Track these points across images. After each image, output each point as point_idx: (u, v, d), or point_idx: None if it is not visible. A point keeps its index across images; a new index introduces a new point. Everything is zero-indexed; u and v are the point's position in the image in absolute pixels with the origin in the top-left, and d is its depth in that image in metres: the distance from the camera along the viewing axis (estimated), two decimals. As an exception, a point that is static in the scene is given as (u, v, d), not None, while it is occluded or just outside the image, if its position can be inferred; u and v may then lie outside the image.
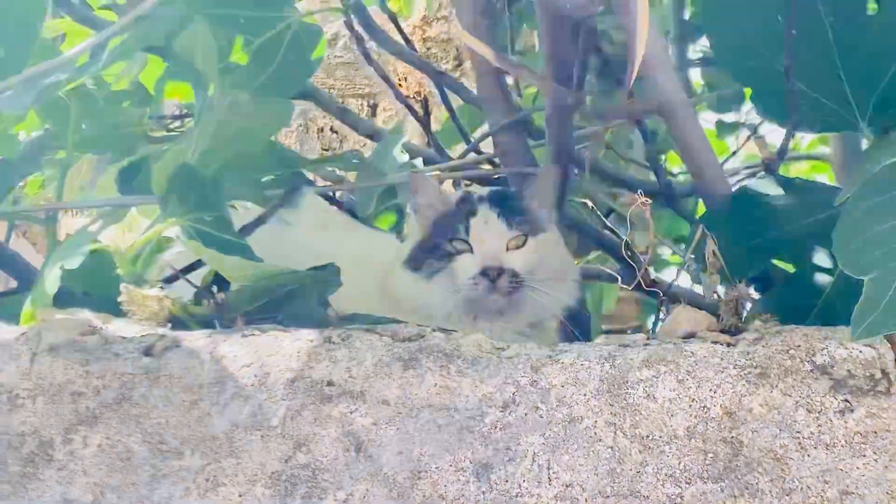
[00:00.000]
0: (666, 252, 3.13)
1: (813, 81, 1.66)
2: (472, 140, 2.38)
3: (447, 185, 2.08)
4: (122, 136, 1.81)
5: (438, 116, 3.44)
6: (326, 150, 3.92)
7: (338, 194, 2.00)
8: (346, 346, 1.26)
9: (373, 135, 2.67)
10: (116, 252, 1.39)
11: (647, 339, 1.28)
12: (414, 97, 2.59)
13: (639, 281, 1.38)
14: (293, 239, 1.75)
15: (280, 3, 1.85)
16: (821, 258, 1.58)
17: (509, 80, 2.05)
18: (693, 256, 1.46)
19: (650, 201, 1.31)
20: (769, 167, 1.69)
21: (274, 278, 1.37)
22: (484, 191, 1.72)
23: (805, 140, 3.95)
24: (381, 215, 2.18)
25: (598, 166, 2.01)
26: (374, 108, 4.16)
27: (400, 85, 3.70)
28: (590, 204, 1.82)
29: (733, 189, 1.71)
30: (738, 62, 1.71)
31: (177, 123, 2.41)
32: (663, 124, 1.74)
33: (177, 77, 1.74)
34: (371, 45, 2.14)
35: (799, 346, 1.21)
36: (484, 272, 1.61)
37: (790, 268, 1.67)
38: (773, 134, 3.09)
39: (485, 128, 2.15)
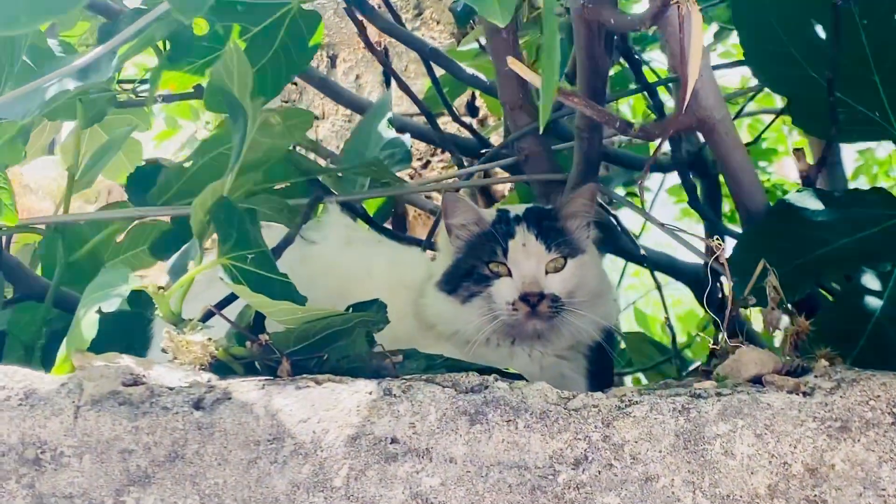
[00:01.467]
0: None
1: (849, 90, 1.63)
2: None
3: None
4: (90, 102, 1.76)
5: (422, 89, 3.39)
6: (286, 101, 3.83)
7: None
8: (408, 398, 1.21)
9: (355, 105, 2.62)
10: (156, 294, 1.33)
11: (717, 385, 1.24)
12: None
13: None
14: (318, 257, 1.69)
15: None
16: (869, 279, 1.54)
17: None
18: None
19: (723, 245, 1.27)
20: (807, 179, 1.65)
21: (321, 321, 1.31)
22: (520, 208, 1.66)
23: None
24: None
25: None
26: (333, 60, 4.06)
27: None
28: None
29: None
30: (773, 69, 1.68)
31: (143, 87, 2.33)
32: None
33: (212, 108, 1.67)
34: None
35: (879, 396, 1.18)
36: (524, 297, 1.56)
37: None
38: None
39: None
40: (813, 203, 1.62)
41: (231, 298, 1.41)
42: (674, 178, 3.29)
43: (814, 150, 2.80)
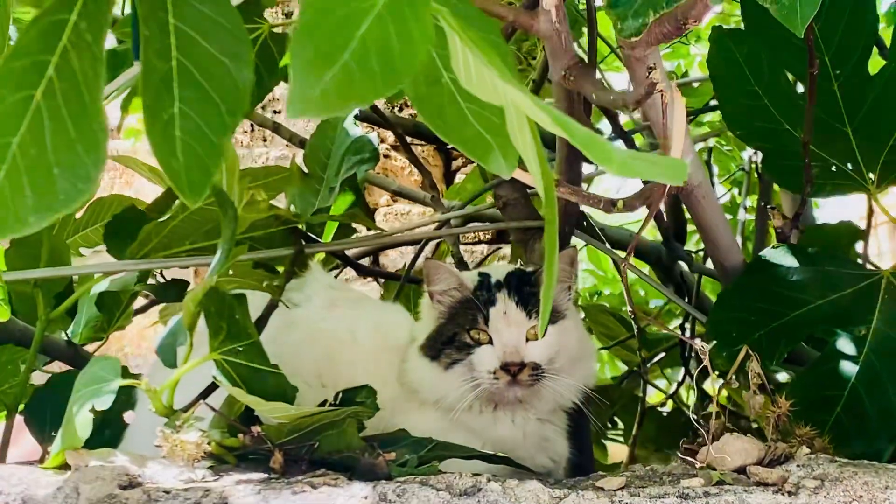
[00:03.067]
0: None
1: (822, 143, 1.65)
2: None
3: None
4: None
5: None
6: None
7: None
8: (403, 503, 1.23)
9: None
10: (148, 390, 1.34)
11: (703, 483, 1.27)
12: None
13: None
14: (303, 323, 1.70)
15: (250, 14, 1.79)
16: (843, 343, 1.57)
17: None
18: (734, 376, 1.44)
19: (707, 347, 1.29)
20: (782, 235, 1.68)
21: (313, 417, 1.33)
22: (501, 273, 1.67)
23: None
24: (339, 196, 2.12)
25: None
26: (288, 16, 4.05)
27: None
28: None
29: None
30: (747, 122, 1.69)
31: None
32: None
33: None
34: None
35: (861, 496, 1.21)
36: (505, 367, 1.58)
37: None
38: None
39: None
40: (788, 260, 1.64)
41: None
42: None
43: (785, 201, 2.85)
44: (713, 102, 2.65)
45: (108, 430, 1.72)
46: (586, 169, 2.06)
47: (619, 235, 2.62)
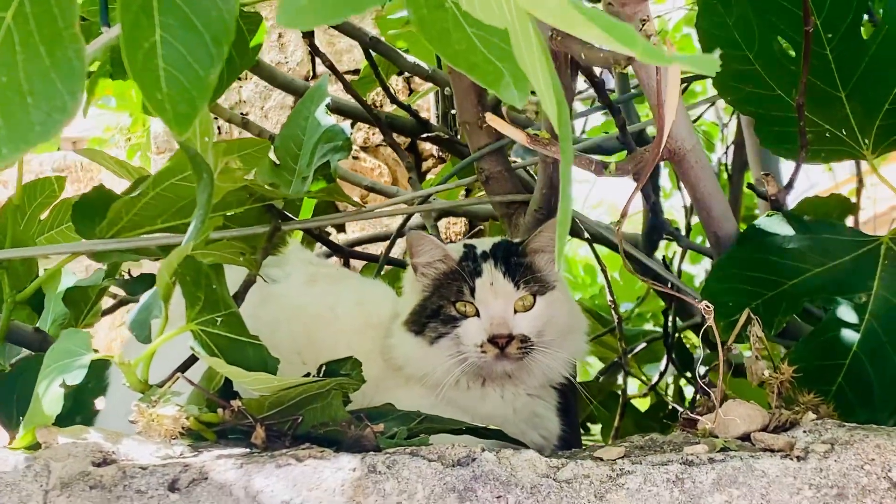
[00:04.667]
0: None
1: (815, 108, 1.60)
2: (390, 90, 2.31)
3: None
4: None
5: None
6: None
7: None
8: (394, 475, 1.16)
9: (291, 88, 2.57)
10: (122, 364, 1.27)
11: (708, 450, 1.21)
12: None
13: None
14: (281, 298, 1.63)
15: None
16: (844, 311, 1.52)
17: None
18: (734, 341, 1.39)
19: (711, 308, 1.23)
20: (776, 202, 1.62)
21: (297, 388, 1.26)
22: (486, 244, 1.61)
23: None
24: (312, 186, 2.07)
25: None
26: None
27: None
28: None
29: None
30: (738, 88, 1.64)
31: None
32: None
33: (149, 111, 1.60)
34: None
35: (873, 459, 1.16)
36: (492, 339, 1.52)
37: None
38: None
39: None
40: (783, 228, 1.59)
41: (196, 357, 1.36)
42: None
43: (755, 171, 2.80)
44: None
45: (78, 418, 1.65)
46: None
47: (595, 230, 2.56)
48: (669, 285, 1.75)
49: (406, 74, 3.64)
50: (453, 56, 0.83)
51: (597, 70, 1.90)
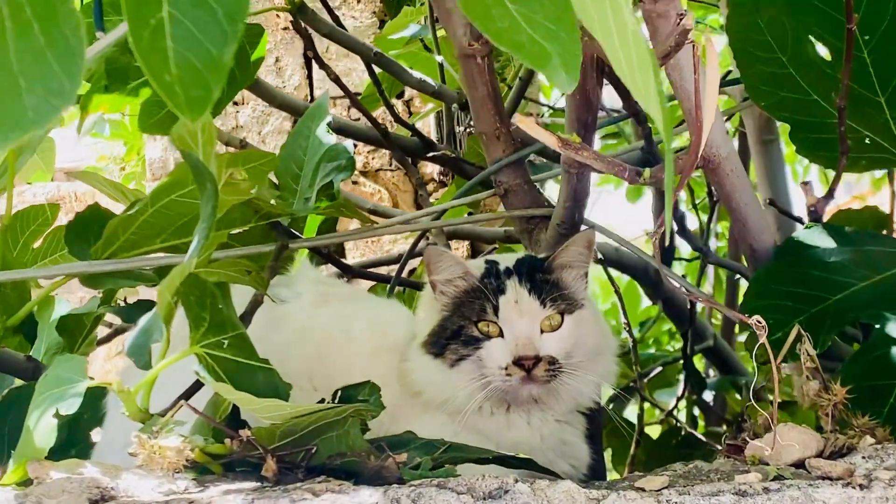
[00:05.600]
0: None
1: (852, 114, 1.51)
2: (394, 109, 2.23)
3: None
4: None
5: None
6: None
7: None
8: (419, 510, 1.06)
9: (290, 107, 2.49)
10: (121, 391, 1.17)
11: (761, 478, 1.11)
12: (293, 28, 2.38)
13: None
14: (291, 320, 1.53)
15: None
16: (894, 328, 1.42)
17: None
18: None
19: (763, 324, 1.14)
20: (814, 213, 1.53)
21: (311, 415, 1.16)
22: (510, 260, 1.51)
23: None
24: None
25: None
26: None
27: (278, 17, 3.49)
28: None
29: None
30: (771, 93, 1.56)
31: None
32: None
33: (145, 129, 1.52)
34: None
35: (943, 488, 1.06)
36: (518, 361, 1.42)
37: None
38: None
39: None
40: (824, 241, 1.51)
41: (201, 384, 1.25)
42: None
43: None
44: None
45: (73, 451, 1.55)
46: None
47: (604, 249, 2.48)
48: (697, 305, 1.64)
49: (406, 97, 3.56)
50: (497, 34, 0.74)
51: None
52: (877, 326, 1.44)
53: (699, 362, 3.42)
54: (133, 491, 1.11)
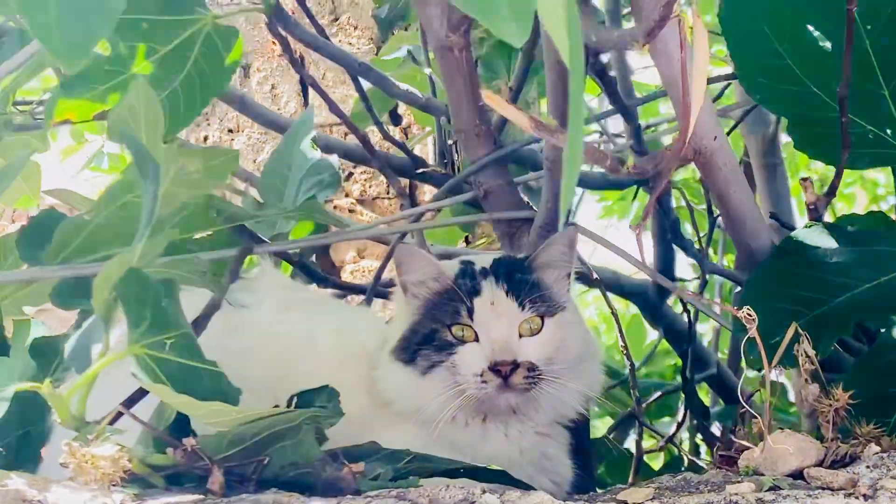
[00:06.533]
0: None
1: (856, 108, 1.43)
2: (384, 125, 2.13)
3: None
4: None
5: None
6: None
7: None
8: (377, 525, 0.96)
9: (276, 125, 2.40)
10: (52, 396, 1.06)
11: (755, 488, 1.00)
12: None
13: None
14: (252, 327, 1.43)
15: (190, 3, 1.57)
16: (901, 332, 1.33)
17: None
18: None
19: (754, 316, 1.04)
20: (815, 212, 1.43)
21: (262, 421, 1.06)
22: (486, 260, 1.41)
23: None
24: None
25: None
26: (246, 70, 3.85)
27: (273, 44, 3.39)
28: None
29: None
30: (768, 85, 1.47)
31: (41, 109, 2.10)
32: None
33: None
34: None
35: (956, 500, 0.95)
36: (494, 367, 1.31)
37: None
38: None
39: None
40: (824, 240, 1.42)
41: (145, 392, 1.15)
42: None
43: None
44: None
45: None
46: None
47: (602, 273, 2.38)
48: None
49: (404, 124, 3.46)
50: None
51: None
52: (882, 331, 1.34)
53: (706, 396, 3.32)
54: (63, 504, 1.01)
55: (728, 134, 1.79)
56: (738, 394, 1.11)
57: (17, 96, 2.02)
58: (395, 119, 3.15)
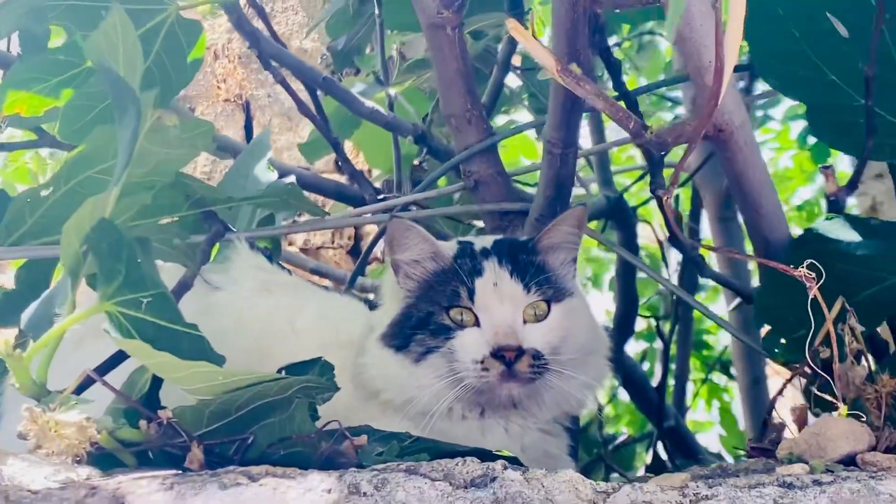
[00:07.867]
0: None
1: (876, 97, 1.34)
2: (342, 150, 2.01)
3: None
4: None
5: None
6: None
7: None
8: (384, 499, 0.83)
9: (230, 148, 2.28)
10: (10, 357, 0.93)
11: (809, 470, 0.90)
12: (234, 100, 2.23)
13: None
14: (226, 309, 1.31)
15: None
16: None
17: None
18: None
19: (813, 275, 0.94)
20: (835, 203, 1.34)
21: (248, 389, 0.93)
22: (486, 241, 1.30)
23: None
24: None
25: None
26: (192, 112, 3.78)
27: (219, 88, 3.29)
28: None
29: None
30: (784, 71, 1.40)
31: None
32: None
33: (68, 136, 1.34)
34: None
35: None
36: (497, 353, 1.19)
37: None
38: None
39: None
40: (847, 233, 1.33)
41: (117, 359, 1.02)
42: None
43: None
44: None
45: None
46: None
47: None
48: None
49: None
50: None
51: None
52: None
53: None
54: (21, 479, 0.88)
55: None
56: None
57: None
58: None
